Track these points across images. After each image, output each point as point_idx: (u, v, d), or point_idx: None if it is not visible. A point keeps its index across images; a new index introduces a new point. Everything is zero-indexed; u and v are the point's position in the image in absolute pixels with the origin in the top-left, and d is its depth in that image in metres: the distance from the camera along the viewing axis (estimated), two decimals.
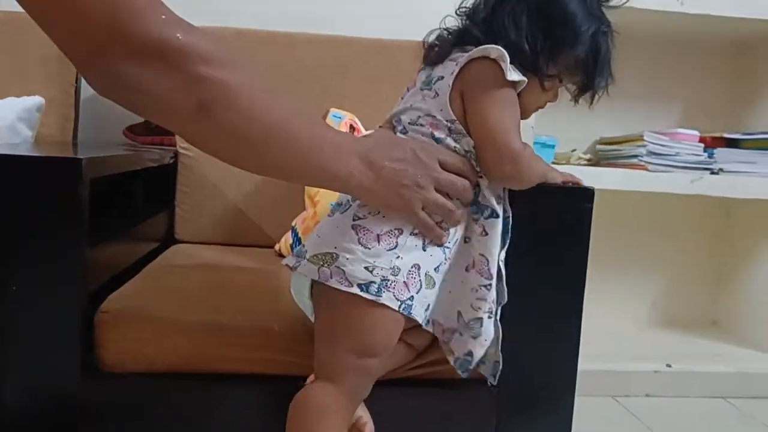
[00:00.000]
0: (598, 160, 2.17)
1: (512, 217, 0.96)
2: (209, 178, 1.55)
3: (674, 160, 1.95)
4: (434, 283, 0.88)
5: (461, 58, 0.90)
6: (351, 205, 0.87)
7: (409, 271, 0.85)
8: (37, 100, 1.43)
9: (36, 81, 1.57)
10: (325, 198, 1.33)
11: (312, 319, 0.93)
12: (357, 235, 0.84)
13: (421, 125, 0.91)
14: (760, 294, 2.17)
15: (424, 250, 0.87)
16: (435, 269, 0.88)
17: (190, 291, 1.12)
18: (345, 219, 0.86)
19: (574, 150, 2.16)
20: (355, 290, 0.83)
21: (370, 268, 0.83)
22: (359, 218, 0.85)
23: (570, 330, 1.06)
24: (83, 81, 1.67)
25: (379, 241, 0.84)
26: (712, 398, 1.96)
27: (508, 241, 0.94)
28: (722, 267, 2.33)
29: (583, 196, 1.04)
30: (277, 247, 1.46)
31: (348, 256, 0.83)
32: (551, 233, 1.04)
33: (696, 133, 2.00)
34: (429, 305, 0.90)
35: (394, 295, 0.84)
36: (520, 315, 1.03)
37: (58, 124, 1.58)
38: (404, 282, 0.84)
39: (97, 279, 1.03)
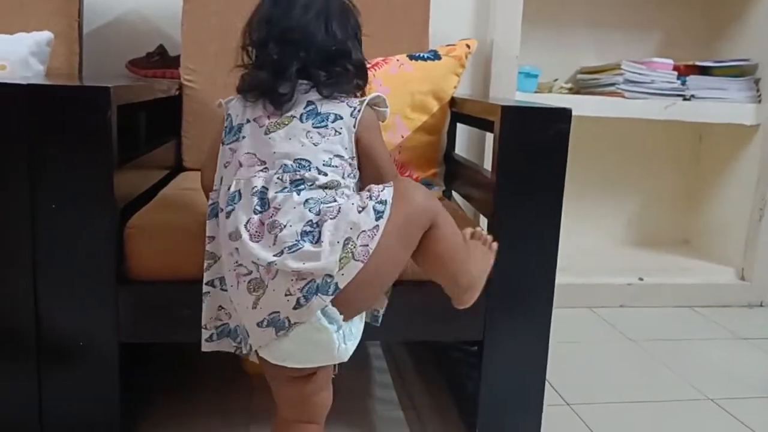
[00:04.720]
0: (578, 88, 2.27)
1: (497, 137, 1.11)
2: (211, 107, 1.62)
3: (649, 88, 2.06)
4: None
5: (351, 99, 0.98)
6: None
7: None
8: (47, 34, 1.49)
9: (38, 15, 1.62)
10: None
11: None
12: None
13: (336, 166, 0.93)
14: (728, 214, 2.32)
15: None
16: None
17: (204, 207, 1.22)
18: None
19: (556, 80, 2.25)
20: None
21: None
22: None
23: (548, 243, 1.18)
24: (86, 15, 1.74)
25: None
26: (681, 307, 2.13)
27: None
28: (693, 189, 2.47)
29: (561, 117, 1.15)
30: None
31: None
32: (530, 153, 1.15)
33: (670, 61, 2.10)
34: None
35: None
36: (502, 230, 1.15)
37: (64, 58, 1.64)
38: None
39: (123, 199, 1.13)
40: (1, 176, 1.03)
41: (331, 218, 0.86)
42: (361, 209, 0.88)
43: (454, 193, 1.60)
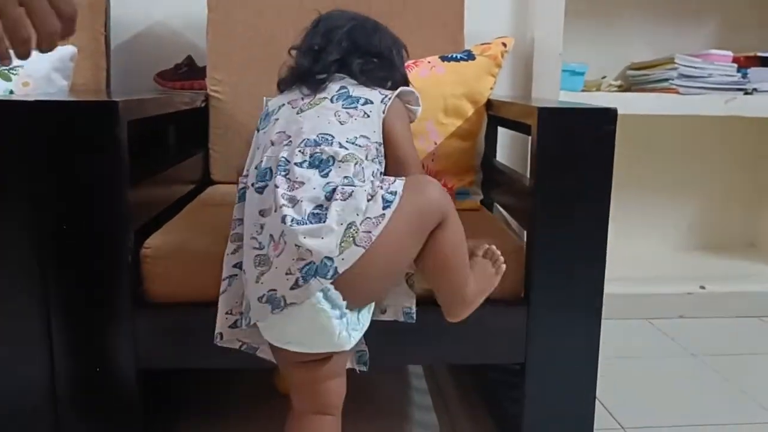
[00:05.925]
0: (629, 85, 2.15)
1: (535, 141, 1.03)
2: (238, 118, 1.58)
3: (707, 82, 1.93)
4: None
5: (382, 90, 1.04)
6: None
7: None
8: (70, 49, 1.46)
9: None
10: None
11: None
12: None
13: (360, 146, 0.94)
14: None
15: None
16: None
17: (226, 227, 1.17)
18: None
19: (604, 77, 2.14)
20: None
21: None
22: None
23: (595, 248, 1.09)
24: (113, 29, 1.71)
25: None
26: (747, 318, 1.98)
27: None
28: (759, 188, 2.32)
29: (605, 117, 1.06)
30: None
31: None
32: (572, 157, 1.06)
33: (729, 53, 1.97)
34: None
35: None
36: (545, 234, 1.08)
37: (91, 73, 1.61)
38: None
39: (139, 218, 1.08)
40: (13, 195, 0.99)
41: (341, 200, 0.86)
42: (370, 197, 0.88)
43: (495, 204, 1.51)
